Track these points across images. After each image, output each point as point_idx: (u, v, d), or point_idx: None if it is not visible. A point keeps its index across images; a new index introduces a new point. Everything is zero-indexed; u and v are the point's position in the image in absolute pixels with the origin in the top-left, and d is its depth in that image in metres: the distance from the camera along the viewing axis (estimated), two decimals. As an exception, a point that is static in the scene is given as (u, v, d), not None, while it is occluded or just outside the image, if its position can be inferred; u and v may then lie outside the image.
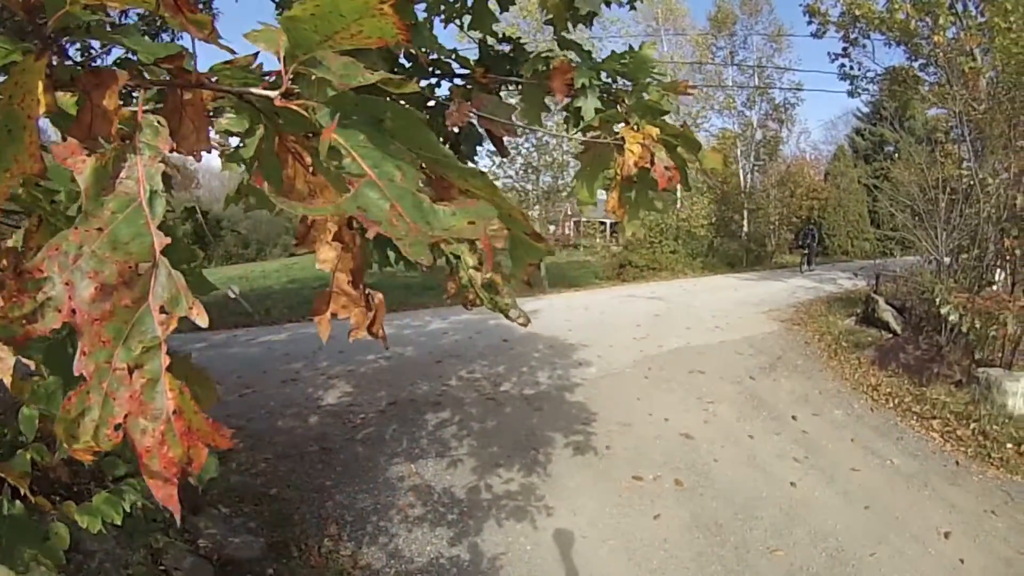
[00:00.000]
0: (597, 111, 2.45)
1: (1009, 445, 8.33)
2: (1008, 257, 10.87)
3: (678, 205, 31.36)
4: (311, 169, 1.16)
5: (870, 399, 10.22)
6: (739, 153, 33.49)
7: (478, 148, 3.08)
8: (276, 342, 13.29)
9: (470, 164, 3.19)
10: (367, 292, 1.28)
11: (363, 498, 6.71)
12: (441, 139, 3.07)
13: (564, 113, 2.72)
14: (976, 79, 14.18)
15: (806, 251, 27.89)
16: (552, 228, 34.10)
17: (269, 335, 14.11)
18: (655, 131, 2.18)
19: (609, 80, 2.60)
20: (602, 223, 42.74)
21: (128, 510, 3.60)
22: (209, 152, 1.20)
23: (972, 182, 12.44)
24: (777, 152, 34.64)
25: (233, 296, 16.60)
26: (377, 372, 10.74)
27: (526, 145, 22.28)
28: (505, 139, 2.62)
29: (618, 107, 2.49)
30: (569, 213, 39.67)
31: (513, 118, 2.64)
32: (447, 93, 2.72)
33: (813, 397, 10.30)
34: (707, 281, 25.13)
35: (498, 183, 14.97)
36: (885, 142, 37.67)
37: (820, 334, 14.10)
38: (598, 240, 35.22)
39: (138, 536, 4.49)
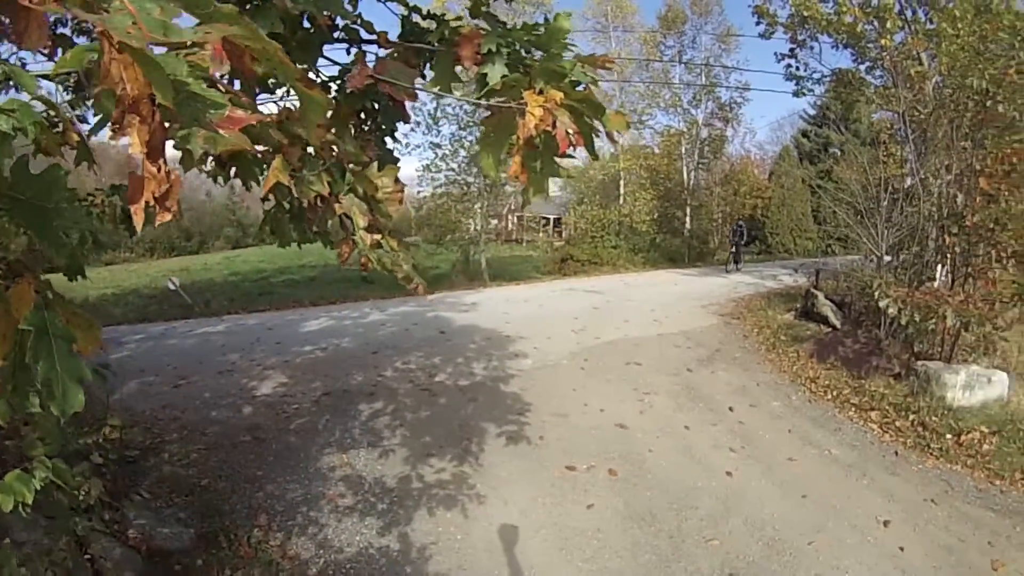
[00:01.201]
0: (503, 78, 2.40)
1: (948, 436, 8.45)
2: (948, 254, 11.01)
3: (620, 201, 31.55)
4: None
5: (808, 391, 10.31)
6: (683, 151, 33.69)
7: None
8: (214, 334, 13.16)
9: (388, 140, 3.20)
10: (168, 170, 1.37)
11: (294, 488, 6.63)
12: (363, 114, 3.09)
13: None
14: (922, 83, 14.34)
15: (733, 249, 27.47)
16: (494, 222, 34.08)
17: (207, 327, 13.95)
18: (559, 95, 2.14)
19: (521, 50, 2.55)
20: (545, 218, 42.85)
21: (39, 487, 3.51)
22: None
23: (914, 181, 12.61)
24: (722, 151, 34.83)
25: (173, 288, 16.51)
26: (313, 363, 10.68)
27: (469, 138, 22.17)
28: (448, 132, 2.62)
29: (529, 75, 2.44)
30: (512, 208, 39.65)
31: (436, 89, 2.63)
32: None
33: (751, 389, 10.36)
34: (648, 276, 25.35)
35: (440, 175, 15.07)
36: (830, 144, 38.13)
37: (759, 328, 14.24)
38: (541, 235, 35.31)
39: (59, 520, 4.40)
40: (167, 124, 1.35)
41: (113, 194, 5.37)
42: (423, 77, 2.72)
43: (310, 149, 2.37)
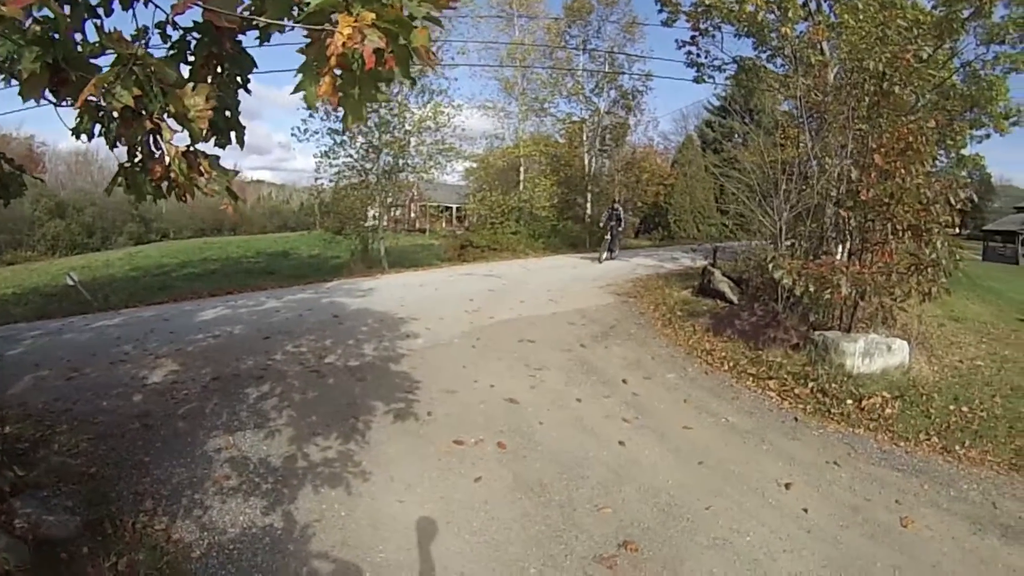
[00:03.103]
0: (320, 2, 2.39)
1: (849, 401, 8.68)
2: (846, 229, 11.26)
3: (520, 187, 31.72)
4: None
5: (704, 363, 10.49)
6: (585, 138, 34.14)
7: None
8: (109, 326, 12.87)
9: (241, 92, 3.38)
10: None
11: (180, 472, 6.51)
12: (214, 61, 3.25)
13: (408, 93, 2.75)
14: (823, 71, 14.67)
15: (607, 235, 25.20)
16: (397, 211, 33.93)
17: (104, 320, 13.63)
18: (370, 15, 2.19)
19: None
20: (447, 208, 42.80)
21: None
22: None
23: (810, 161, 12.90)
24: (624, 139, 35.14)
25: (72, 284, 16.19)
26: (204, 350, 10.49)
27: (369, 123, 21.85)
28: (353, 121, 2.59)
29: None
30: (414, 196, 39.42)
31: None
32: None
33: (645, 362, 10.48)
34: (548, 260, 25.48)
35: (339, 161, 15.03)
36: (734, 133, 38.71)
37: (656, 305, 14.42)
38: (442, 223, 35.35)
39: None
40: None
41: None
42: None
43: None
